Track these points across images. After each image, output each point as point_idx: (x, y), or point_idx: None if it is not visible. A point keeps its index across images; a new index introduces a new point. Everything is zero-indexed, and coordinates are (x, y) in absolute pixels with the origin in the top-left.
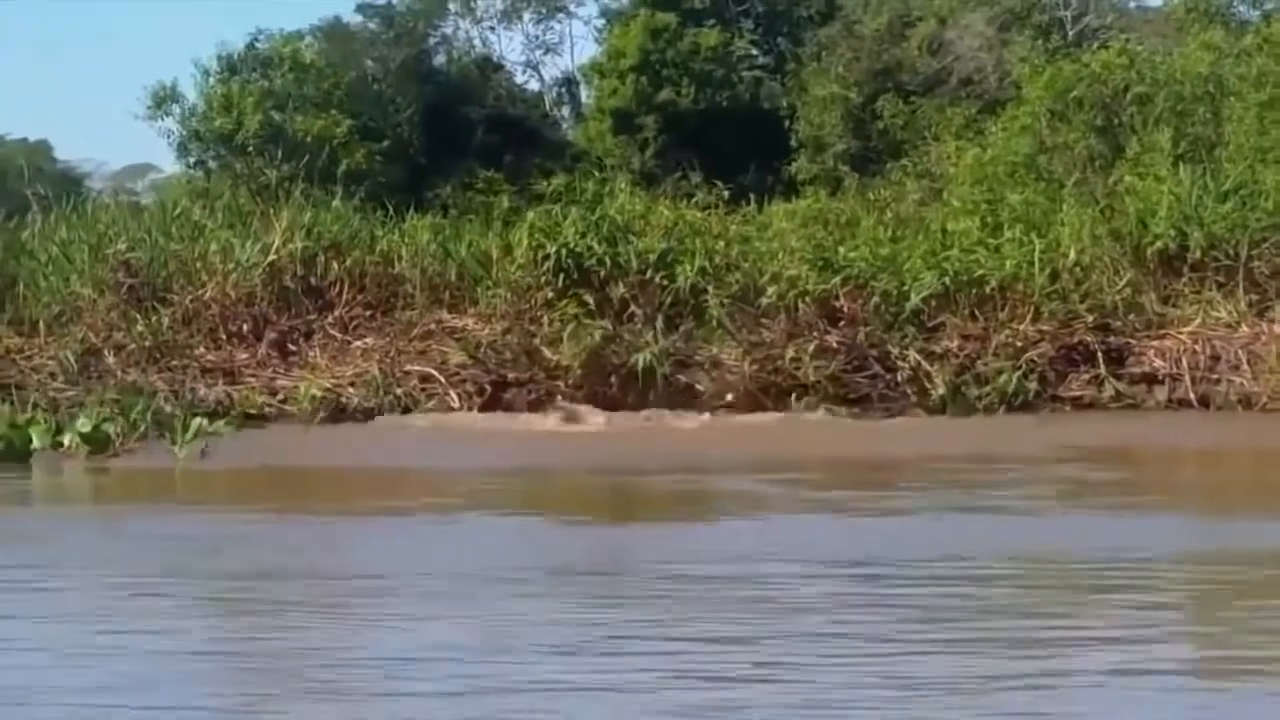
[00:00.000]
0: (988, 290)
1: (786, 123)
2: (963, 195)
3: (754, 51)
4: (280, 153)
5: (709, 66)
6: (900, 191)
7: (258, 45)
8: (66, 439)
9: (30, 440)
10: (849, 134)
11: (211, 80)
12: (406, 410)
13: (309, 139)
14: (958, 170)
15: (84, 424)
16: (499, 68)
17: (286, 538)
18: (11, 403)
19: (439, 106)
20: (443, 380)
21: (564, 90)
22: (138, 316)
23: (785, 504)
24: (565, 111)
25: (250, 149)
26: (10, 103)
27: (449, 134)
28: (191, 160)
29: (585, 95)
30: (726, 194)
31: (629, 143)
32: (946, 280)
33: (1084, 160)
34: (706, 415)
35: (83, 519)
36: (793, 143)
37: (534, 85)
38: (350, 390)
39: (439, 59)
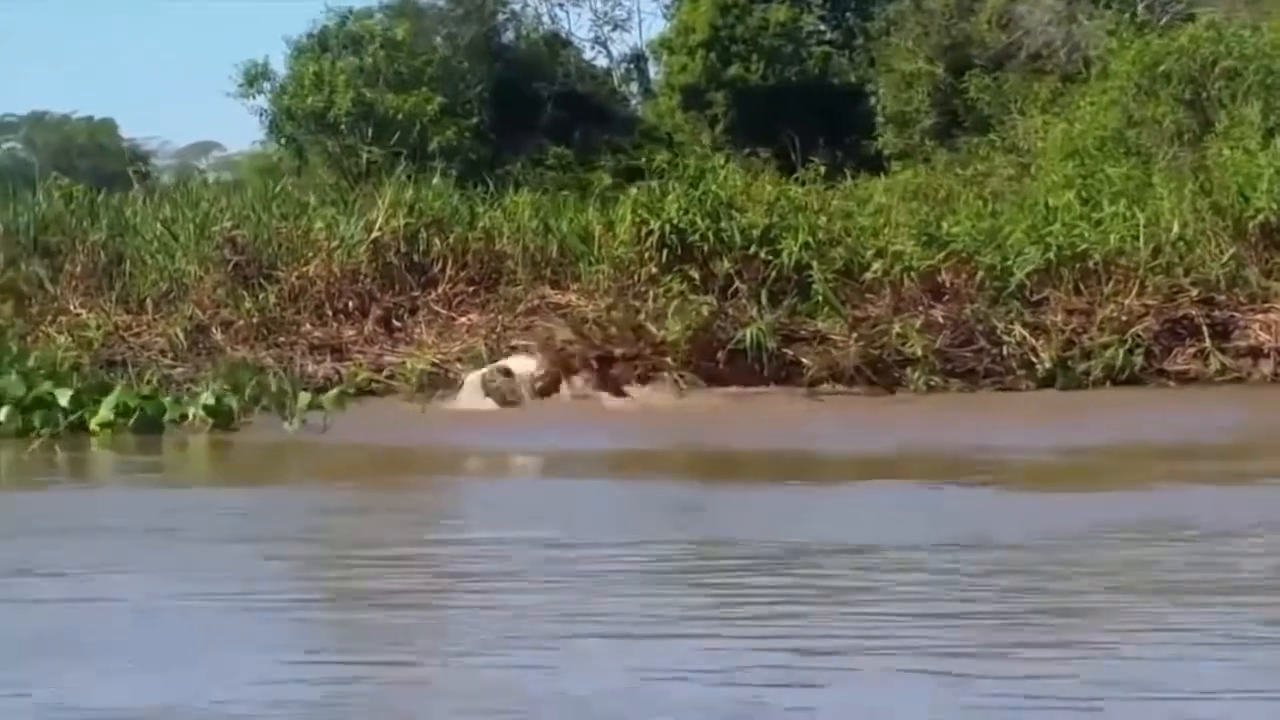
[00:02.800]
0: (1091, 265)
1: (860, 98)
2: (1053, 169)
3: (822, 27)
4: (371, 130)
5: (778, 42)
6: (989, 166)
7: (348, 22)
8: (190, 412)
9: (163, 411)
10: (935, 109)
11: (303, 57)
12: None
13: (400, 116)
14: (1046, 144)
15: (208, 397)
16: (567, 44)
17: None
18: (128, 379)
19: (508, 83)
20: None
21: (632, 66)
22: (244, 294)
23: None
24: (633, 88)
25: (342, 127)
26: (76, 81)
27: (518, 110)
28: (283, 138)
29: (653, 72)
30: (823, 169)
31: (698, 119)
32: (1050, 255)
33: (1172, 134)
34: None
35: (289, 494)
36: (872, 118)
37: (602, 62)
38: (457, 366)
39: (508, 35)
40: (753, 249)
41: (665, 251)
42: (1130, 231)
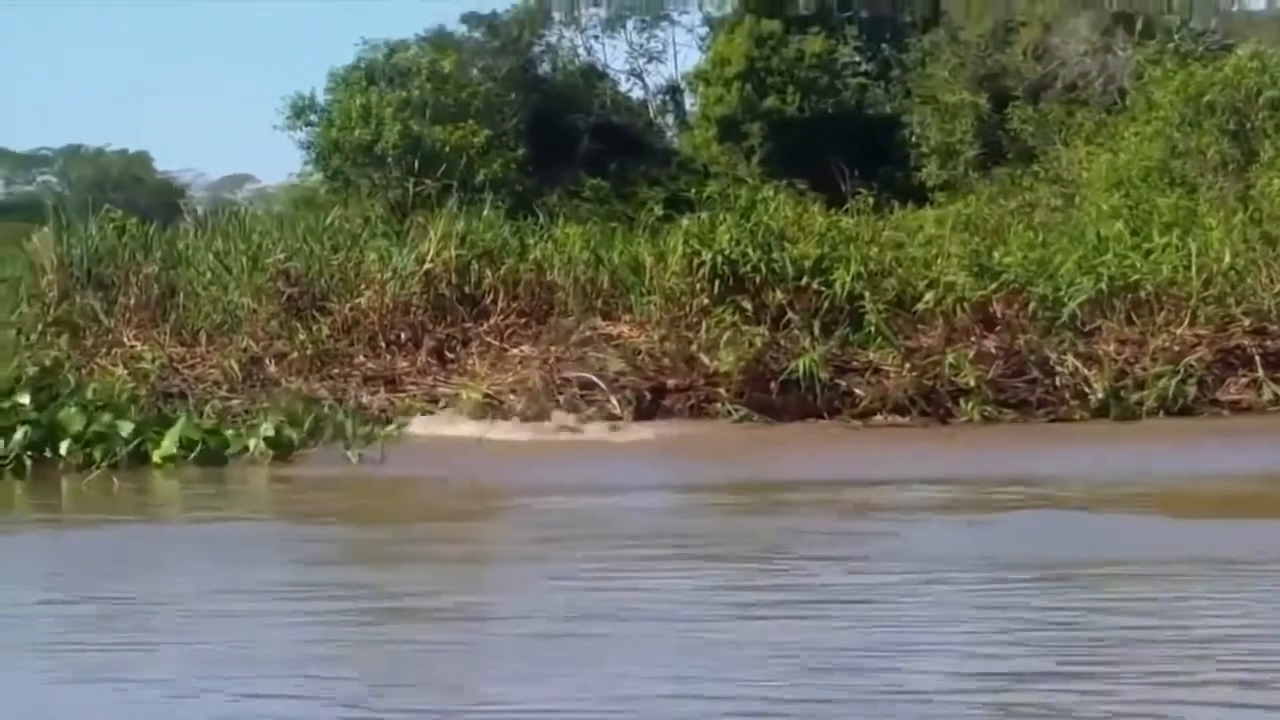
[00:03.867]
0: (1142, 295)
1: (895, 129)
2: (1098, 199)
3: (857, 58)
4: (418, 163)
5: (813, 73)
6: (1035, 197)
7: (395, 56)
8: (251, 444)
9: (227, 444)
10: (978, 140)
11: (350, 90)
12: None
13: (447, 149)
14: (1090, 175)
15: (268, 429)
16: (603, 76)
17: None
18: (186, 411)
19: (545, 115)
20: (604, 386)
21: (668, 98)
22: (298, 325)
23: None
24: (669, 119)
25: (389, 159)
26: (110, 115)
27: (555, 142)
28: (329, 170)
29: (689, 103)
30: (870, 199)
31: (734, 150)
32: (1102, 285)
33: (1217, 164)
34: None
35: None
36: (906, 149)
37: (638, 93)
38: (511, 397)
39: (544, 68)
40: (805, 280)
41: (717, 282)
42: (1182, 261)
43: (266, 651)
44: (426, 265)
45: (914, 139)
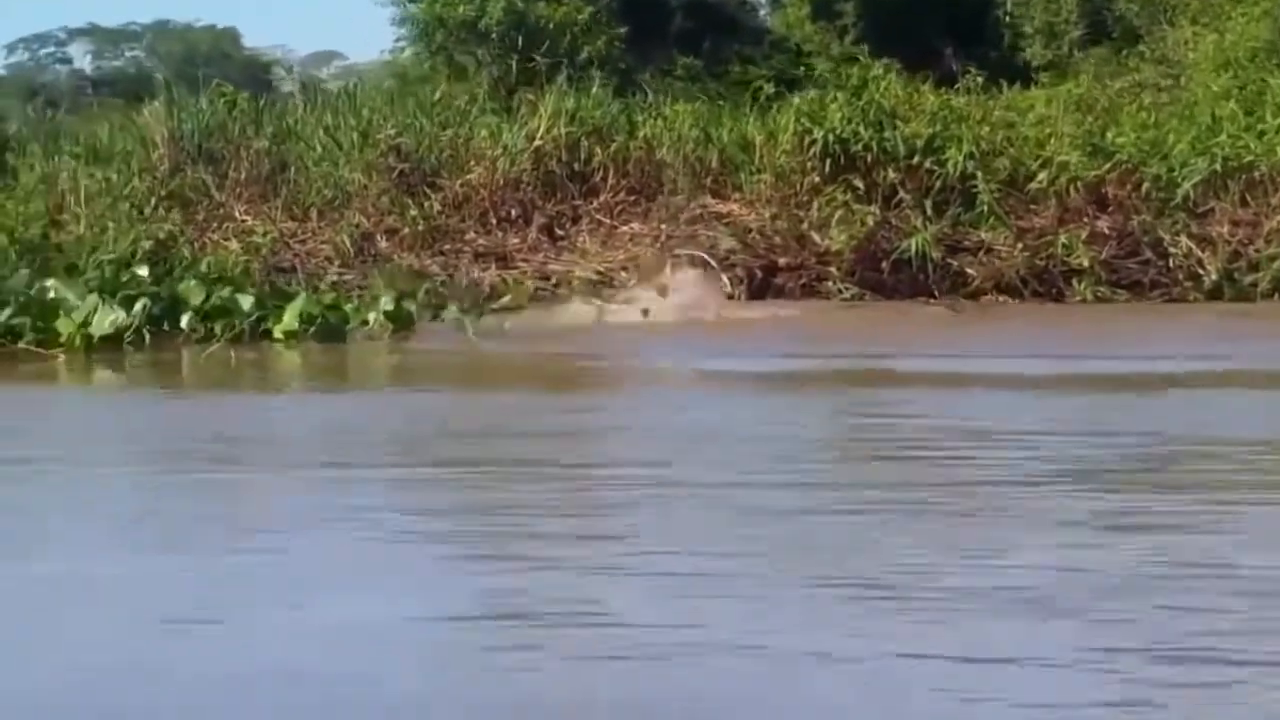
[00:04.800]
0: (1256, 176)
1: (989, 7)
2: (1206, 80)
3: None
4: (521, 40)
5: None
6: (1143, 77)
7: None
8: (370, 318)
9: (347, 319)
10: (1083, 20)
11: None
12: None
13: (551, 26)
14: (1197, 56)
15: (387, 303)
16: None
17: None
18: (299, 285)
19: None
20: (715, 265)
21: None
22: (409, 202)
23: None
24: None
25: (493, 35)
26: None
27: (647, 20)
28: (434, 46)
29: None
30: (982, 77)
31: (828, 29)
32: (1216, 166)
33: None
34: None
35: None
36: (999, 29)
37: None
38: (623, 275)
39: None
40: (916, 159)
41: (828, 161)
42: None
43: None
44: (536, 142)
45: (1009, 19)
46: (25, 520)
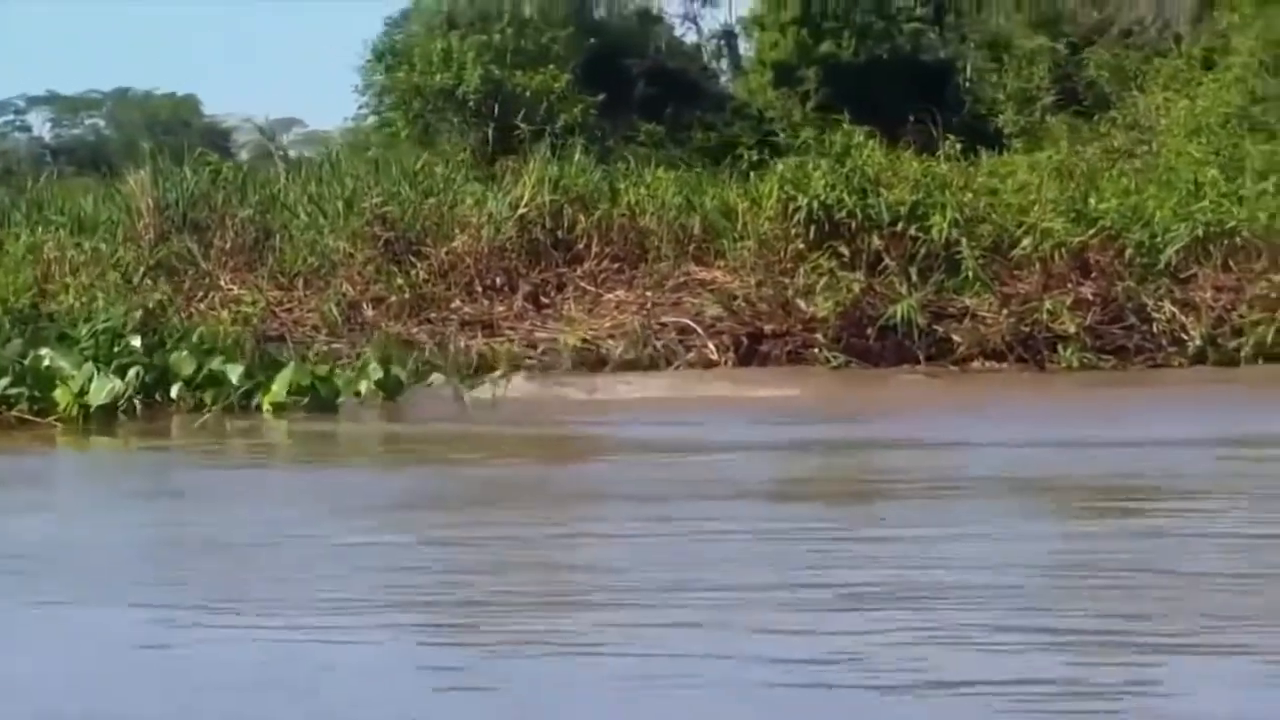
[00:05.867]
0: (1238, 241)
1: (951, 74)
2: (1178, 146)
3: (911, 2)
4: (498, 108)
5: (868, 18)
6: (1122, 143)
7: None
8: (362, 387)
9: (338, 390)
10: (1055, 86)
11: (432, 34)
12: (667, 362)
13: (528, 93)
14: (1169, 122)
15: (376, 370)
16: (658, 20)
17: None
18: (289, 355)
19: (601, 59)
20: (700, 332)
21: (722, 43)
22: (394, 270)
23: None
24: (724, 64)
25: (470, 104)
26: (159, 58)
27: (611, 87)
28: (411, 114)
29: (744, 48)
30: (958, 145)
31: (789, 95)
32: (1198, 232)
33: None
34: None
35: None
36: (965, 95)
37: (692, 37)
38: (610, 342)
39: (599, 11)
40: (900, 225)
41: (812, 228)
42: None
43: None
44: (521, 210)
45: (968, 84)
46: None
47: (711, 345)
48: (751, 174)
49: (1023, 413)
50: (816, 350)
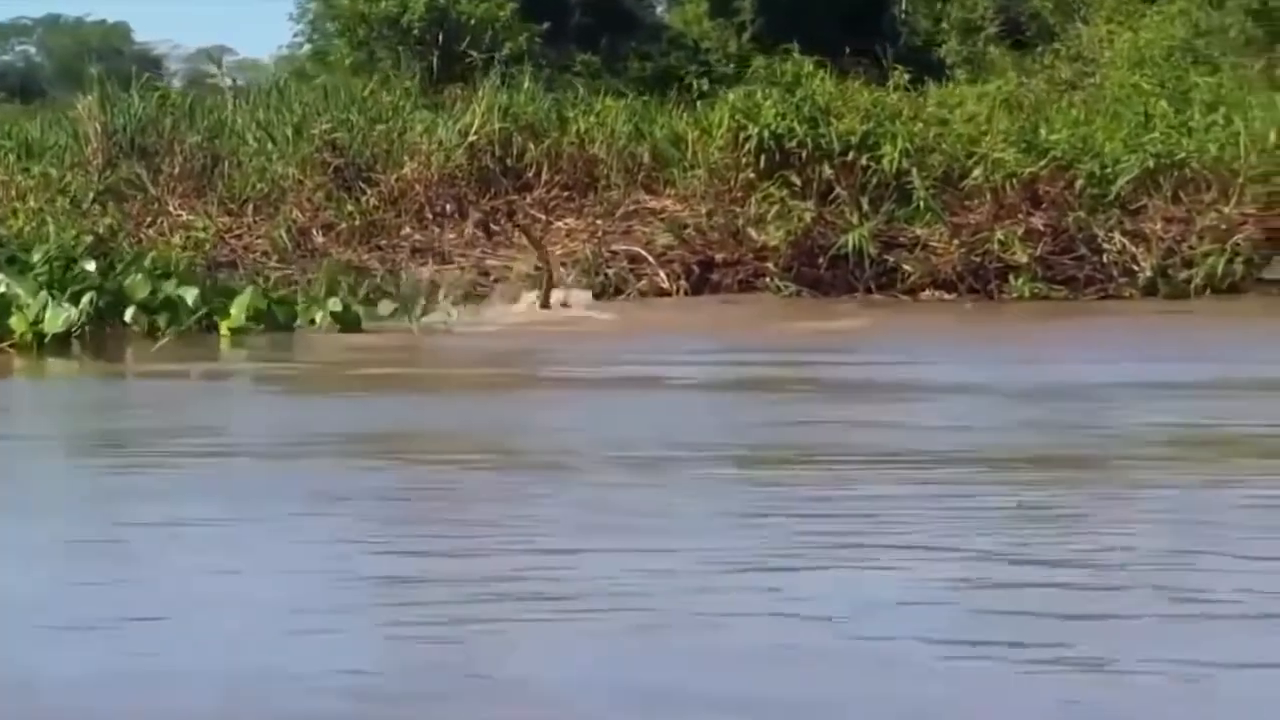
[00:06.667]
0: (1188, 174)
1: (885, 4)
2: (1121, 78)
3: None
4: (442, 36)
5: None
6: (1070, 74)
7: None
8: (318, 317)
9: (295, 316)
10: (999, 17)
11: None
12: (617, 291)
13: (473, 22)
14: (1113, 54)
15: (335, 303)
16: None
17: None
18: (238, 279)
19: None
20: (652, 260)
21: None
22: (345, 196)
23: None
24: None
25: (415, 31)
26: None
27: (546, 16)
28: (355, 42)
29: None
30: (905, 75)
31: (726, 25)
32: (1149, 163)
33: (1240, 43)
34: None
35: None
36: (896, 24)
37: None
38: (561, 270)
39: None
40: (851, 155)
41: (763, 158)
42: (1229, 139)
43: None
44: (471, 138)
45: (904, 16)
46: None
47: (663, 274)
48: (698, 103)
49: None
50: (767, 279)
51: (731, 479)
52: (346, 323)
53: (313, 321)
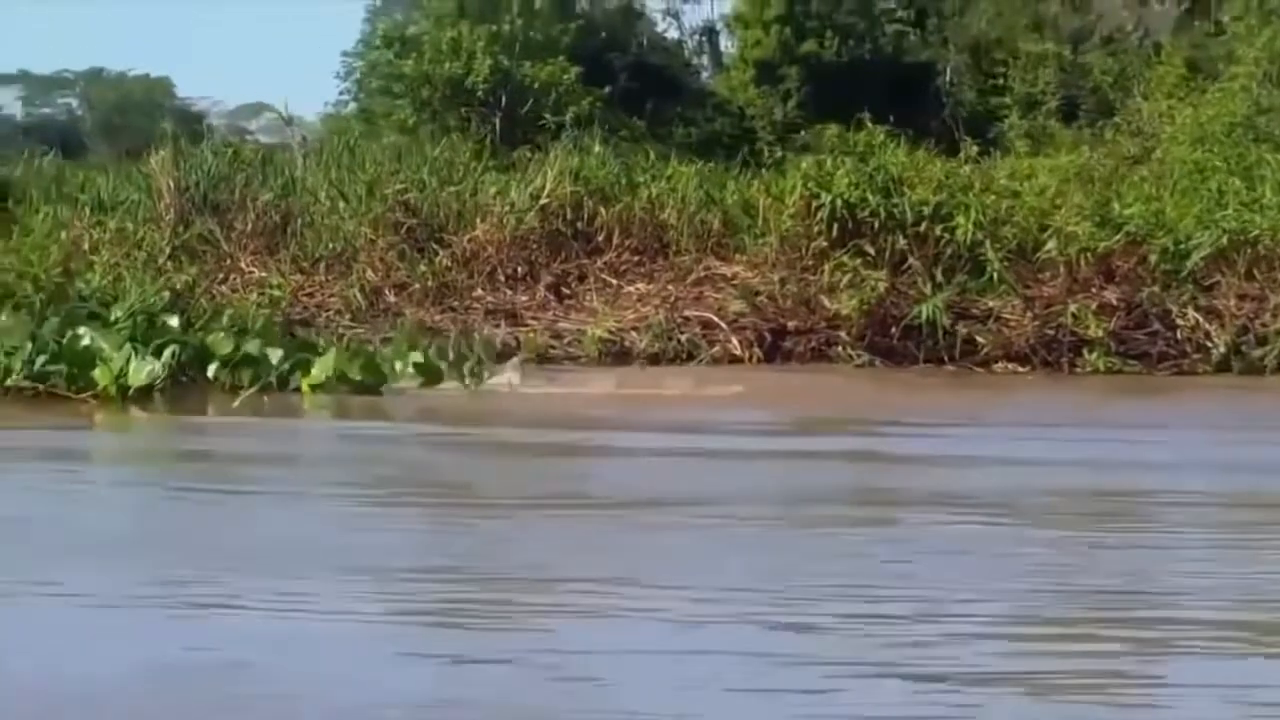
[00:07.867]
0: (1260, 250)
1: (931, 76)
2: (1183, 155)
3: (894, 4)
4: (505, 99)
5: (851, 19)
6: (1150, 148)
7: None
8: (398, 366)
9: (384, 376)
10: (1060, 91)
11: (441, 22)
12: (690, 356)
13: (536, 85)
14: (1173, 130)
15: (417, 356)
16: (640, 15)
17: None
18: (314, 338)
19: (583, 53)
20: (724, 326)
21: (704, 39)
22: (418, 256)
23: None
24: (705, 60)
25: (479, 93)
26: (136, 39)
27: (594, 80)
28: (418, 103)
29: (725, 45)
30: (975, 148)
31: (771, 93)
32: (1223, 240)
33: None
34: None
35: None
36: (940, 97)
37: (674, 34)
38: (634, 335)
39: (581, 4)
40: (924, 225)
41: (835, 226)
42: None
43: None
44: (542, 200)
45: (949, 87)
46: None
47: (735, 340)
48: (763, 170)
49: None
50: (840, 348)
51: None
52: (427, 375)
53: (393, 369)
